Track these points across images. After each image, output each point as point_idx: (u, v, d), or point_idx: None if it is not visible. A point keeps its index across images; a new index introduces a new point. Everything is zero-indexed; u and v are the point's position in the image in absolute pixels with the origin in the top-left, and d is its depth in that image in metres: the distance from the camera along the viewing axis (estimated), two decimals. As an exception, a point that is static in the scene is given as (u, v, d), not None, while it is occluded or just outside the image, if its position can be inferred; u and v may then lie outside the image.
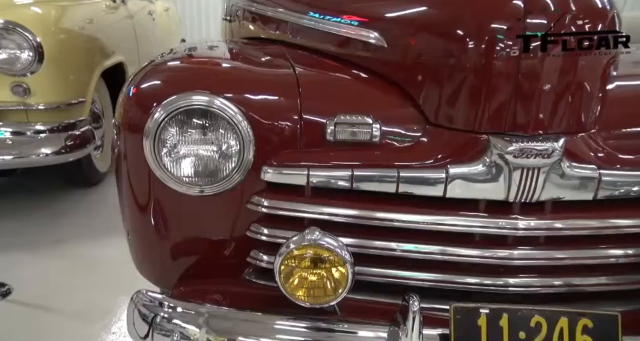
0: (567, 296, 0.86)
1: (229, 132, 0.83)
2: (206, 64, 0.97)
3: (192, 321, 0.84)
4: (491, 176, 0.79)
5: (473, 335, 0.74)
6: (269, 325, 0.81)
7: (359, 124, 0.84)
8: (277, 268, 0.74)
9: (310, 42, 1.14)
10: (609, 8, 0.79)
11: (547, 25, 0.73)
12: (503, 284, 0.85)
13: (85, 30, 2.66)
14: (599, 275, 0.85)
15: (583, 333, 0.73)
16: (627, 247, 0.84)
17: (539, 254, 0.83)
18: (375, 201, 0.84)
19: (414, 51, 0.87)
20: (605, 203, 0.82)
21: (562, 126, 0.78)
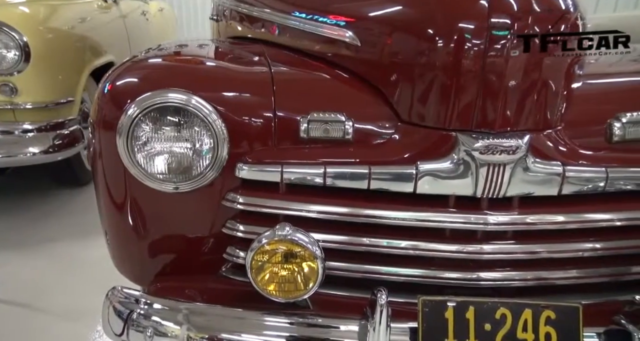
0: (536, 290, 0.88)
1: (203, 130, 0.83)
2: (183, 62, 0.97)
3: (171, 318, 0.83)
4: (459, 172, 0.80)
5: (440, 327, 0.75)
6: (252, 320, 0.81)
7: (332, 122, 0.85)
8: (249, 263, 0.75)
9: (290, 41, 1.15)
10: (572, 10, 0.80)
11: (510, 25, 0.73)
12: (474, 278, 0.86)
13: (75, 29, 2.63)
14: (566, 268, 0.86)
15: (546, 324, 0.75)
16: (592, 241, 0.85)
17: (507, 248, 0.84)
18: (348, 197, 0.85)
19: (385, 50, 0.88)
20: (570, 198, 0.83)
21: (527, 123, 0.79)
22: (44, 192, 2.79)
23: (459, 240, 0.85)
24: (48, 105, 2.34)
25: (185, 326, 0.82)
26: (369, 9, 0.92)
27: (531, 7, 0.74)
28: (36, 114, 2.32)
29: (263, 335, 0.79)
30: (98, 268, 2.09)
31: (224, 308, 0.82)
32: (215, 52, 1.11)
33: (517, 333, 0.75)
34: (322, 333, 0.79)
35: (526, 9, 0.74)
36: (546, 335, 0.74)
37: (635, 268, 0.87)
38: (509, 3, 0.74)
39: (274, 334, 0.79)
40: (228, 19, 1.66)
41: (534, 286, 0.87)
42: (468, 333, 0.75)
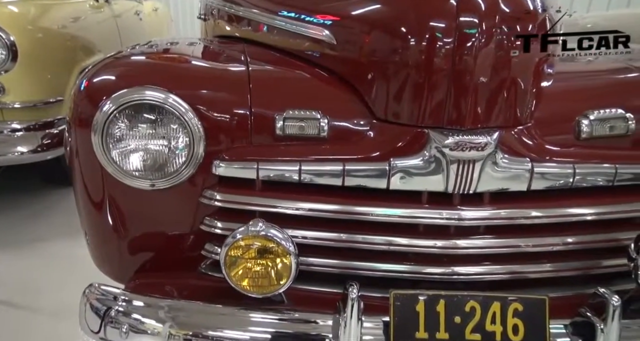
0: (508, 284, 0.88)
1: (179, 128, 0.83)
2: (161, 60, 0.96)
3: (152, 315, 0.83)
4: (431, 169, 0.81)
5: (412, 321, 0.76)
6: (227, 316, 0.81)
7: (308, 119, 0.85)
8: (223, 258, 0.75)
9: (271, 39, 1.15)
10: (540, 11, 0.81)
11: (478, 24, 0.74)
12: (447, 273, 0.86)
13: (66, 29, 2.61)
14: (537, 262, 0.87)
15: (514, 316, 0.76)
16: (562, 236, 0.86)
17: (480, 243, 0.85)
18: (324, 194, 0.85)
19: (360, 48, 0.88)
20: (540, 193, 0.84)
21: (497, 120, 0.80)
22: (35, 192, 2.76)
23: (432, 235, 0.85)
24: (37, 104, 2.32)
25: (167, 324, 0.82)
26: (344, 8, 0.93)
27: (498, 7, 0.75)
28: (25, 113, 2.30)
29: (239, 330, 0.79)
30: (88, 267, 2.08)
31: (201, 304, 0.82)
32: (196, 51, 1.10)
33: (486, 325, 0.76)
34: (297, 328, 0.80)
35: (493, 9, 0.75)
36: (514, 327, 0.75)
37: (604, 261, 0.88)
38: (476, 3, 0.75)
39: (250, 329, 0.79)
40: (216, 18, 1.66)
41: (506, 280, 0.88)
42: (438, 326, 0.76)
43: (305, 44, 1.02)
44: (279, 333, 0.78)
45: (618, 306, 0.71)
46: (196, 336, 0.81)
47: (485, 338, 0.75)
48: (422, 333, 0.76)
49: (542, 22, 0.82)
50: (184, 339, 0.80)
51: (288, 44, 1.08)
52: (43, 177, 2.82)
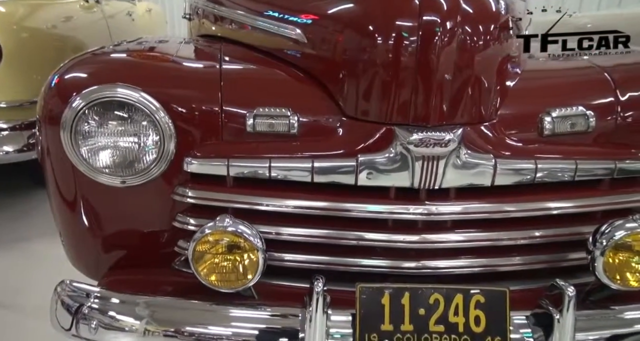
0: (475, 277, 0.89)
1: (150, 126, 0.82)
2: (134, 58, 0.96)
3: (126, 311, 0.83)
4: (397, 165, 0.81)
5: (377, 313, 0.77)
6: (194, 311, 0.81)
7: (278, 116, 0.85)
8: (190, 253, 0.75)
9: (247, 38, 1.15)
10: (503, 12, 0.82)
11: (441, 24, 0.75)
12: (417, 267, 0.87)
13: (55, 29, 2.57)
14: (502, 256, 0.88)
15: (476, 308, 0.77)
16: (526, 230, 0.87)
17: (447, 238, 0.86)
18: (293, 190, 0.85)
19: (329, 47, 0.89)
20: (504, 188, 0.85)
21: (461, 117, 0.81)
22: (22, 192, 2.73)
23: (401, 230, 0.86)
24: (23, 104, 2.29)
25: (144, 320, 0.81)
26: (313, 8, 0.93)
27: (460, 7, 0.76)
28: (11, 113, 2.27)
29: (213, 325, 0.79)
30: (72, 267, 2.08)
31: (175, 300, 0.82)
32: (172, 49, 1.09)
33: (449, 317, 0.77)
34: (266, 322, 0.80)
35: (455, 9, 0.76)
36: (475, 318, 0.76)
37: (567, 255, 0.89)
38: (439, 3, 0.76)
39: (218, 324, 0.79)
40: (200, 17, 1.66)
41: (473, 274, 0.88)
42: (403, 318, 0.77)
43: (279, 43, 1.02)
44: (250, 327, 0.79)
45: (573, 297, 0.72)
46: (173, 332, 0.81)
47: (449, 329, 0.76)
48: (387, 325, 0.76)
49: (505, 23, 0.84)
50: (163, 335, 0.80)
51: (264, 43, 1.08)
52: (30, 177, 2.79)
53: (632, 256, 0.76)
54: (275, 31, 1.02)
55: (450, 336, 0.76)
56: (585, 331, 0.77)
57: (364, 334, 0.76)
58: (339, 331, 0.78)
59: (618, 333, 0.79)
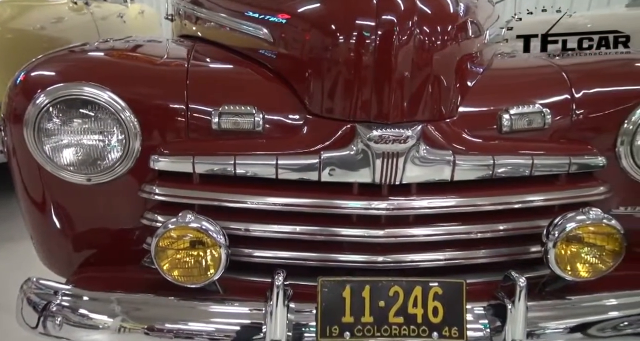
0: (438, 270, 0.91)
1: (114, 124, 0.82)
2: (102, 57, 0.95)
3: (92, 307, 0.82)
4: (359, 161, 0.82)
5: (338, 306, 0.78)
6: (156, 306, 0.81)
7: (243, 114, 0.86)
8: (153, 249, 0.75)
9: (220, 38, 1.15)
10: (461, 13, 0.84)
11: (397, 24, 0.76)
12: (381, 261, 0.88)
13: (43, 30, 2.55)
14: (463, 249, 0.90)
15: (434, 299, 0.78)
16: (486, 224, 0.89)
17: (409, 232, 0.87)
18: (259, 186, 0.86)
19: (293, 46, 0.90)
20: (464, 184, 0.86)
21: (421, 114, 0.82)
22: (8, 192, 2.70)
23: (365, 225, 0.87)
24: (7, 104, 2.27)
25: (120, 317, 0.81)
26: (279, 8, 0.94)
27: (417, 7, 0.77)
28: (-7, 113, 2.25)
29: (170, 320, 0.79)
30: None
31: (141, 296, 0.82)
32: (144, 49, 1.09)
33: (408, 309, 0.78)
34: (230, 316, 0.80)
35: (412, 9, 0.77)
36: (434, 310, 0.78)
37: (526, 248, 0.91)
38: (396, 3, 0.77)
39: (182, 319, 0.79)
40: (182, 18, 1.66)
41: (436, 267, 0.90)
42: (364, 310, 0.78)
43: (248, 43, 1.02)
44: (215, 322, 0.79)
45: (524, 287, 0.74)
46: (138, 328, 0.81)
47: (408, 321, 0.78)
48: (348, 317, 0.77)
49: (464, 24, 0.85)
50: (133, 330, 0.80)
51: (235, 43, 1.08)
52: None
53: (582, 248, 0.78)
54: (245, 31, 1.02)
55: (409, 327, 0.77)
56: (539, 321, 0.79)
57: (325, 326, 0.77)
58: (302, 324, 0.79)
59: (571, 322, 0.81)
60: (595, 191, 0.90)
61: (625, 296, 0.86)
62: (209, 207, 0.87)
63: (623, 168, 0.90)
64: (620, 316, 0.83)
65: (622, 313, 0.83)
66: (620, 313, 0.83)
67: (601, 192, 0.90)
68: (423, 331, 0.77)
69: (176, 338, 0.79)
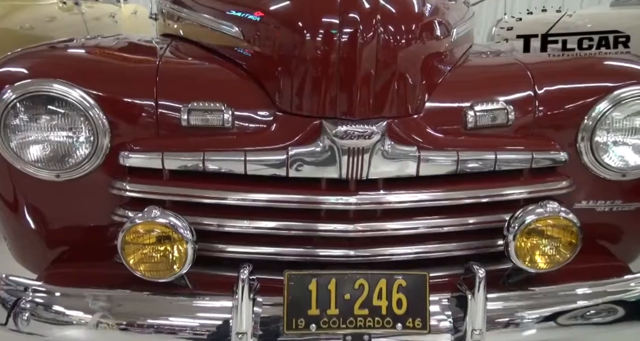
0: (404, 264, 0.92)
1: (83, 120, 0.82)
2: (73, 54, 0.95)
3: (61, 303, 0.82)
4: (326, 157, 0.83)
5: (304, 299, 0.79)
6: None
7: (212, 111, 0.86)
8: (119, 244, 0.75)
9: (196, 36, 1.15)
10: (427, 13, 0.85)
11: (361, 22, 0.77)
12: (350, 255, 0.89)
13: (31, 30, 2.52)
14: (430, 243, 0.91)
15: (398, 291, 0.79)
16: (453, 218, 0.90)
17: (376, 226, 0.88)
18: (229, 182, 0.86)
19: (261, 44, 0.91)
20: (431, 179, 0.87)
21: (385, 111, 0.83)
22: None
23: (333, 220, 0.88)
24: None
25: (98, 314, 0.80)
26: (248, 6, 0.94)
27: (379, 6, 0.78)
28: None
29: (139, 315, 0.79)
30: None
31: (105, 291, 0.81)
32: (118, 46, 1.09)
33: (373, 301, 0.79)
34: (198, 310, 0.81)
35: (375, 8, 0.78)
36: (398, 301, 0.79)
37: (490, 241, 0.92)
38: (359, 1, 0.78)
39: (151, 314, 0.80)
40: (165, 17, 1.65)
41: (404, 261, 0.91)
42: (329, 303, 0.79)
43: (221, 40, 1.03)
44: (179, 315, 0.79)
45: (483, 278, 0.75)
46: (118, 324, 0.81)
47: (372, 313, 0.79)
48: (314, 310, 0.78)
49: (429, 23, 0.87)
50: (110, 326, 0.80)
51: (209, 40, 1.08)
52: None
53: (540, 240, 0.80)
54: (218, 29, 1.03)
55: (374, 319, 0.79)
56: (500, 312, 0.81)
57: (292, 319, 0.78)
58: (269, 317, 0.79)
59: (531, 313, 0.82)
60: (558, 185, 0.92)
61: (584, 287, 0.88)
62: (180, 203, 0.87)
63: (584, 164, 0.93)
64: (579, 307, 0.86)
65: (581, 303, 0.85)
66: (579, 304, 0.85)
67: (564, 186, 0.92)
68: (387, 323, 0.78)
69: (144, 332, 0.79)
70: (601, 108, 0.89)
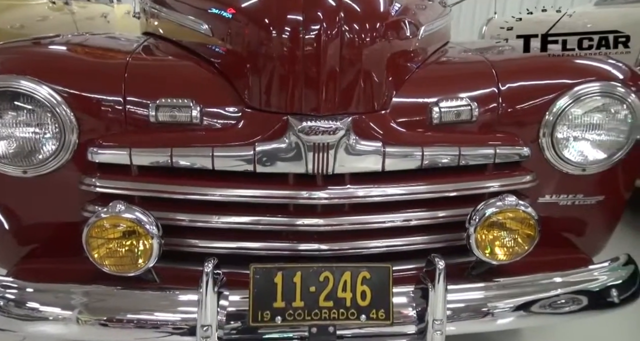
0: (371, 257, 0.93)
1: (50, 117, 0.82)
2: (44, 51, 0.95)
3: (33, 299, 0.82)
4: (292, 153, 0.84)
5: (270, 292, 0.79)
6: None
7: (180, 107, 0.86)
8: (84, 238, 0.76)
9: (171, 34, 1.14)
10: (393, 12, 0.86)
11: (324, 19, 0.77)
12: (317, 249, 0.89)
13: (21, 30, 2.49)
14: (398, 237, 0.92)
15: (362, 283, 0.80)
16: (419, 212, 0.91)
17: (344, 220, 0.89)
18: (197, 178, 0.87)
19: (229, 41, 0.91)
20: (396, 174, 0.89)
21: (351, 107, 0.84)
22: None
23: (301, 214, 0.89)
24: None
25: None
26: (216, 4, 0.94)
27: (342, 4, 0.79)
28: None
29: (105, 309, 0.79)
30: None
31: (63, 285, 0.81)
32: (92, 44, 1.09)
33: (338, 293, 0.80)
34: (165, 304, 0.81)
35: (338, 5, 0.78)
36: (362, 293, 0.80)
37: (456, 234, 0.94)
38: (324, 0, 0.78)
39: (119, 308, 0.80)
40: (147, 16, 1.65)
41: (371, 254, 0.92)
42: (295, 295, 0.80)
43: (192, 38, 1.03)
44: (146, 308, 0.79)
45: (443, 270, 0.77)
46: (79, 317, 0.79)
47: (337, 304, 0.80)
48: (280, 302, 0.79)
49: (396, 22, 0.88)
50: (80, 321, 0.79)
51: (182, 38, 1.08)
52: None
53: (499, 233, 0.82)
54: (190, 26, 1.03)
55: (339, 310, 0.79)
56: (461, 302, 0.82)
57: (257, 311, 0.78)
58: (235, 310, 0.80)
59: (492, 304, 0.84)
60: (522, 180, 0.93)
61: (544, 278, 0.90)
62: (148, 198, 0.87)
63: (547, 159, 0.94)
64: (541, 298, 0.87)
65: (542, 295, 0.87)
66: (541, 295, 0.87)
67: (527, 180, 0.94)
68: (352, 314, 0.79)
69: (111, 326, 0.79)
70: (561, 104, 0.91)
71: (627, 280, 0.94)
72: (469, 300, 0.83)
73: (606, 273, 0.94)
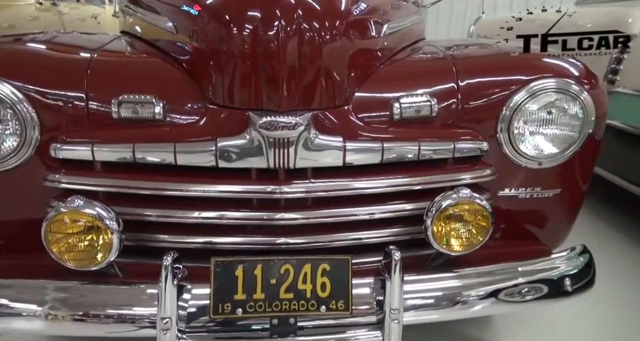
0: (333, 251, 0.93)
1: (11, 114, 0.81)
2: (8, 48, 0.94)
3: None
4: (253, 148, 0.85)
5: (230, 285, 0.80)
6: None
7: (143, 103, 0.86)
8: (43, 233, 0.75)
9: (139, 31, 1.15)
10: (355, 11, 0.87)
11: (282, 16, 0.78)
12: (278, 243, 0.90)
13: (8, 30, 2.47)
14: (358, 230, 0.93)
15: (322, 275, 0.81)
16: (379, 205, 0.92)
17: (306, 214, 0.89)
18: (161, 173, 0.87)
19: (191, 38, 0.91)
20: (357, 168, 0.90)
21: (311, 103, 0.85)
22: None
23: (264, 208, 0.89)
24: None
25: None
26: (178, 2, 0.95)
27: (300, 2, 0.79)
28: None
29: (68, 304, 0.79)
30: None
31: (23, 280, 0.81)
32: (60, 41, 1.08)
33: (298, 285, 0.81)
34: (127, 298, 0.81)
35: (296, 2, 0.79)
36: (322, 285, 0.81)
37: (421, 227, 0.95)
38: (282, -3, 0.79)
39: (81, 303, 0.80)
40: (125, 15, 1.64)
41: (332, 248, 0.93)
42: (255, 288, 0.80)
43: (159, 35, 1.03)
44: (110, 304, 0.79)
45: (398, 261, 0.78)
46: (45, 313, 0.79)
47: (297, 296, 0.81)
48: (240, 295, 0.80)
49: (358, 21, 0.89)
50: (31, 314, 0.78)
51: (149, 35, 1.09)
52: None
53: (454, 224, 0.83)
54: (156, 23, 1.03)
55: (299, 302, 0.80)
56: (417, 293, 0.84)
57: (218, 304, 0.79)
58: (196, 303, 0.80)
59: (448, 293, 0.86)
60: (481, 174, 0.95)
61: (507, 269, 0.92)
62: (112, 194, 0.87)
63: (505, 153, 0.96)
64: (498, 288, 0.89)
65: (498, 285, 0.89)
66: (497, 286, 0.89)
67: (486, 174, 0.96)
68: (312, 306, 0.80)
69: (75, 320, 0.79)
70: (518, 99, 0.93)
71: (582, 269, 0.97)
72: (427, 289, 0.85)
73: (564, 262, 0.97)
